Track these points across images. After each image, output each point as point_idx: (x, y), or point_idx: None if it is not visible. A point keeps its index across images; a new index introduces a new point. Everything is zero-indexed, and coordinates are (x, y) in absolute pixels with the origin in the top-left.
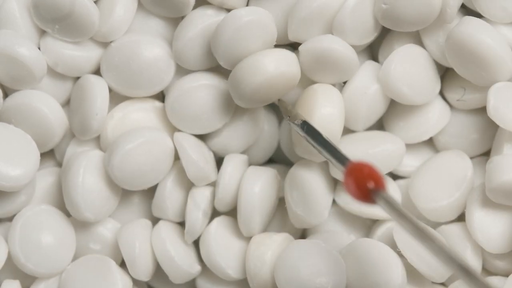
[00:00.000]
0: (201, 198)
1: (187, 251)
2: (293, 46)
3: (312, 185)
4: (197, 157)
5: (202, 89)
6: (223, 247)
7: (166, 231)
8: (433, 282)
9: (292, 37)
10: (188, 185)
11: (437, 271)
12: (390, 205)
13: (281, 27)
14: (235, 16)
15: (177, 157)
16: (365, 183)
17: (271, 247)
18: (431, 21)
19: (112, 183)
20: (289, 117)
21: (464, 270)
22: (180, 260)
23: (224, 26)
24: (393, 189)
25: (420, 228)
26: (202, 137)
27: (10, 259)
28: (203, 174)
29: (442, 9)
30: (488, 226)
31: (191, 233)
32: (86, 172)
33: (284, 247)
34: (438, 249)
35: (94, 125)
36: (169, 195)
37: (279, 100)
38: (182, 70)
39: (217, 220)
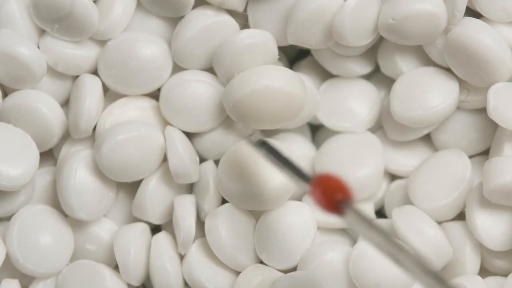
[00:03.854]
0: (189, 205)
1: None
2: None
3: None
4: (183, 151)
5: (199, 85)
6: (205, 265)
7: (167, 247)
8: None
9: (292, 40)
10: (171, 189)
11: (439, 254)
12: (359, 215)
13: (280, 30)
14: (236, 39)
15: (165, 158)
16: (333, 195)
17: (258, 276)
18: (436, 37)
19: (105, 182)
20: (248, 136)
21: (439, 281)
22: (174, 279)
23: (224, 48)
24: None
25: (389, 240)
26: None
27: (8, 259)
28: (185, 170)
29: (449, 14)
30: (489, 224)
31: (186, 241)
32: (79, 172)
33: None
34: (408, 261)
35: (82, 125)
36: (150, 196)
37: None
38: (180, 69)
39: (198, 241)
